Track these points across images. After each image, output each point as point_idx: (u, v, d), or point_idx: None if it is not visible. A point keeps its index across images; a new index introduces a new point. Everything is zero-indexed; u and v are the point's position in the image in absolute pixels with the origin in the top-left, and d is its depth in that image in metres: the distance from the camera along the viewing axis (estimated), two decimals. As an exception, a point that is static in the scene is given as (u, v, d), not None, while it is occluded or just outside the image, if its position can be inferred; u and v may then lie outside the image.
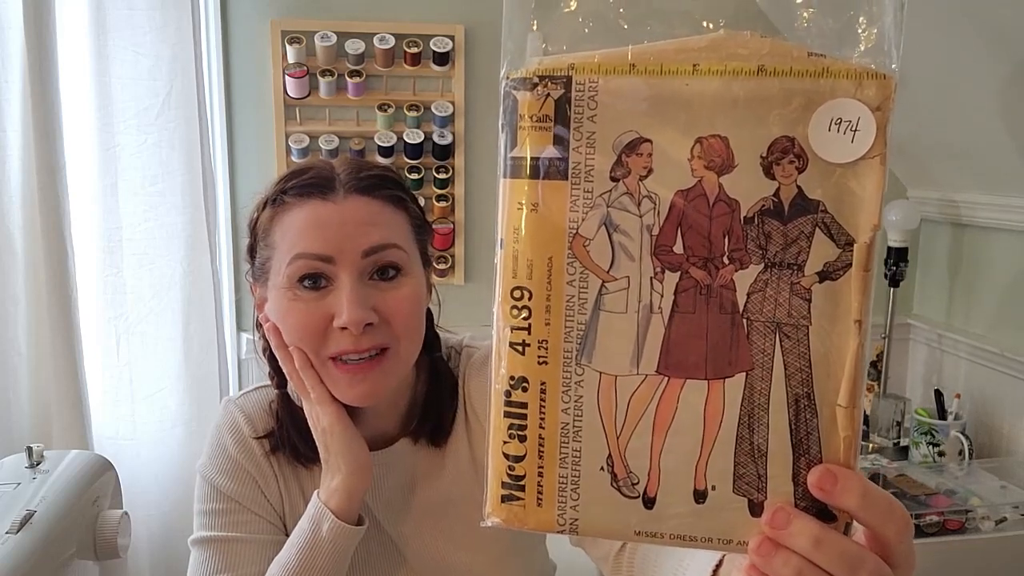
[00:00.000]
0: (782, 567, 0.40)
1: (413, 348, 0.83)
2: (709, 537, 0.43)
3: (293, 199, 0.80)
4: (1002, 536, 1.52)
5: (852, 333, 0.40)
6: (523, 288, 0.43)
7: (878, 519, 0.41)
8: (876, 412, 1.95)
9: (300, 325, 0.78)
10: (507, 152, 0.42)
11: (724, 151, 0.40)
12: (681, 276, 0.41)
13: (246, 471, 0.88)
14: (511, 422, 0.44)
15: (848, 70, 0.39)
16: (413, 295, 0.81)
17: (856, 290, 0.40)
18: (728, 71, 0.40)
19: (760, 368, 0.41)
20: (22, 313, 1.65)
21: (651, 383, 0.42)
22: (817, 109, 0.39)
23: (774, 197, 0.40)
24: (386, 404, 0.88)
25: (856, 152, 0.39)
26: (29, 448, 1.08)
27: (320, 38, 1.84)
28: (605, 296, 0.42)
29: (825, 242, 0.40)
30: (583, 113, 0.41)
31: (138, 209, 1.78)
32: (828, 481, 0.40)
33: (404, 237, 0.82)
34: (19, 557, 0.89)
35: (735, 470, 0.42)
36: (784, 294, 0.41)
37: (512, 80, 0.42)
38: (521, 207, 0.42)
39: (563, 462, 0.43)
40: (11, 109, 1.58)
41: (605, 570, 0.84)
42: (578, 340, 0.43)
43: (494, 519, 0.45)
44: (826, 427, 0.41)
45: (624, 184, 0.41)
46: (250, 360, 1.97)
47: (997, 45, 1.46)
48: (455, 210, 2.00)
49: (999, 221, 1.81)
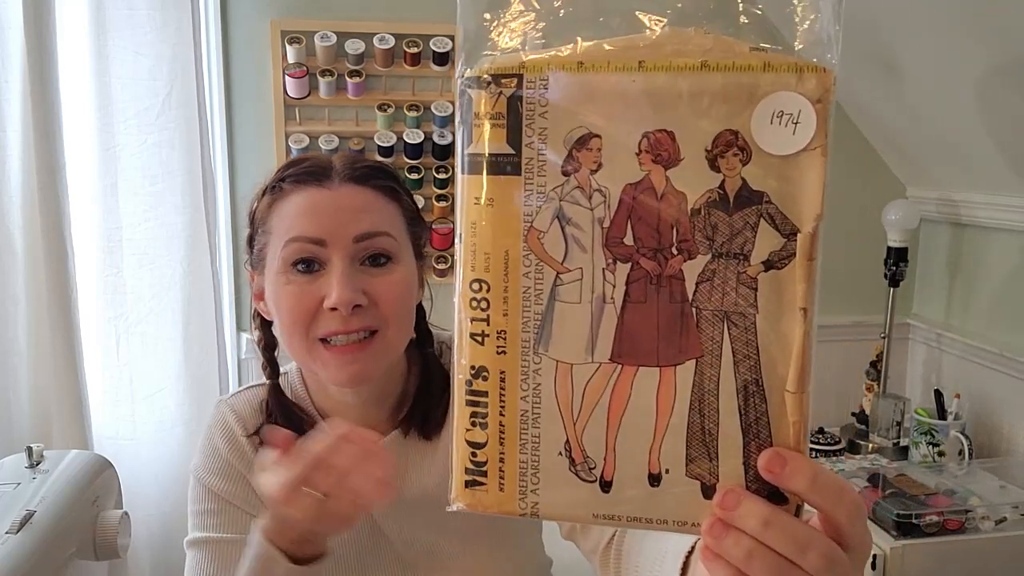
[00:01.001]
0: (733, 547, 0.41)
1: (402, 334, 0.85)
2: (664, 519, 0.44)
3: (290, 186, 0.83)
4: (1002, 536, 1.52)
5: (798, 321, 0.41)
6: (481, 280, 0.44)
7: (828, 502, 0.41)
8: (876, 412, 1.95)
9: (292, 306, 0.80)
10: (464, 149, 0.44)
11: (670, 145, 0.41)
12: (632, 267, 0.43)
13: (237, 471, 0.88)
14: (472, 410, 0.45)
15: (789, 64, 0.40)
16: (403, 280, 0.83)
17: (801, 278, 0.41)
18: (673, 67, 0.41)
19: (709, 355, 0.42)
20: (22, 313, 1.65)
21: (605, 371, 0.44)
22: (759, 103, 0.40)
23: (719, 189, 0.41)
24: (376, 396, 0.89)
25: (797, 144, 0.40)
26: (29, 448, 1.09)
27: (320, 38, 1.84)
28: (560, 287, 0.44)
29: (770, 232, 0.41)
30: (535, 110, 0.43)
31: (138, 209, 1.78)
32: (777, 464, 0.41)
33: (396, 227, 0.84)
34: (19, 557, 0.89)
35: (687, 454, 0.43)
36: (731, 283, 0.42)
37: (467, 78, 0.43)
38: (478, 201, 0.44)
39: (523, 448, 0.45)
40: (11, 109, 1.59)
41: (594, 563, 0.85)
42: (535, 330, 0.44)
43: (459, 504, 0.46)
44: (775, 412, 0.42)
45: (575, 178, 0.43)
46: (250, 360, 1.97)
47: (997, 45, 1.46)
48: (455, 210, 1.99)
49: (999, 221, 1.81)
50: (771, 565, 0.41)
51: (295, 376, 0.93)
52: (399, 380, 0.91)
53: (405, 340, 0.86)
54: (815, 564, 0.41)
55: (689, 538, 0.62)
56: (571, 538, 0.89)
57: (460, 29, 0.43)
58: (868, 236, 1.98)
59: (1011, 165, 1.67)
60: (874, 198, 1.96)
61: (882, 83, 1.77)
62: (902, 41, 1.66)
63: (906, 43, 1.66)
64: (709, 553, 0.43)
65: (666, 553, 0.66)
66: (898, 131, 1.93)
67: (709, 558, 0.43)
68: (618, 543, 0.81)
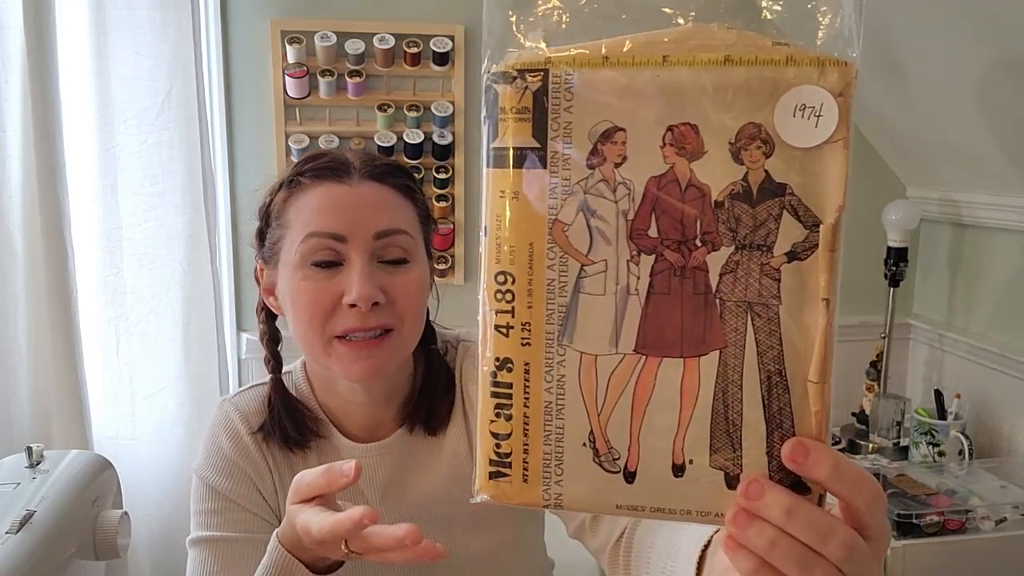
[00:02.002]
0: (756, 536, 0.42)
1: (415, 332, 0.85)
2: (688, 509, 0.45)
3: (309, 180, 0.83)
4: (1002, 536, 1.52)
5: (820, 311, 0.41)
6: (506, 273, 0.45)
7: (848, 490, 0.42)
8: (876, 412, 1.95)
9: (310, 303, 0.80)
10: (489, 143, 0.44)
11: (694, 138, 0.42)
12: (656, 259, 0.43)
13: (241, 469, 0.88)
14: (497, 402, 0.46)
15: (811, 58, 0.40)
16: (419, 280, 0.84)
17: (823, 269, 0.41)
18: (697, 61, 0.41)
19: (733, 346, 0.43)
20: (22, 313, 1.65)
21: (629, 362, 0.44)
22: (782, 96, 0.41)
23: (743, 181, 0.42)
24: (385, 394, 0.90)
25: (820, 137, 0.40)
26: (29, 448, 1.09)
27: (320, 38, 1.84)
28: (584, 279, 0.44)
29: (793, 224, 0.41)
30: (560, 104, 0.43)
31: (138, 209, 1.78)
32: (800, 453, 0.41)
33: (412, 225, 0.85)
34: (19, 557, 0.89)
35: (711, 444, 0.44)
36: (754, 275, 0.42)
37: (493, 74, 0.44)
38: (503, 195, 0.44)
39: (547, 439, 0.45)
40: (11, 109, 1.59)
41: (603, 561, 0.85)
42: (559, 322, 0.44)
43: (483, 495, 0.47)
44: (798, 402, 0.42)
45: (600, 171, 0.43)
46: (250, 360, 1.97)
47: (998, 44, 1.46)
48: (455, 210, 2.00)
49: (999, 221, 1.82)
50: (794, 554, 0.41)
51: (299, 374, 0.93)
52: (407, 379, 0.92)
53: (417, 337, 0.87)
54: (836, 553, 0.41)
55: (705, 531, 0.62)
56: (578, 536, 0.89)
57: (486, 26, 0.44)
58: (868, 236, 1.99)
59: (1012, 165, 1.67)
60: (874, 198, 1.96)
61: (883, 83, 1.77)
62: (903, 41, 1.66)
63: (907, 43, 1.66)
64: (732, 543, 0.43)
65: (680, 548, 0.66)
66: (899, 131, 1.93)
67: (733, 547, 0.43)
68: (628, 539, 0.80)
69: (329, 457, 0.90)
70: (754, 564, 0.42)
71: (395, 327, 0.81)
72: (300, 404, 0.90)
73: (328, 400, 0.91)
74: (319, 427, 0.90)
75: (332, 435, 0.90)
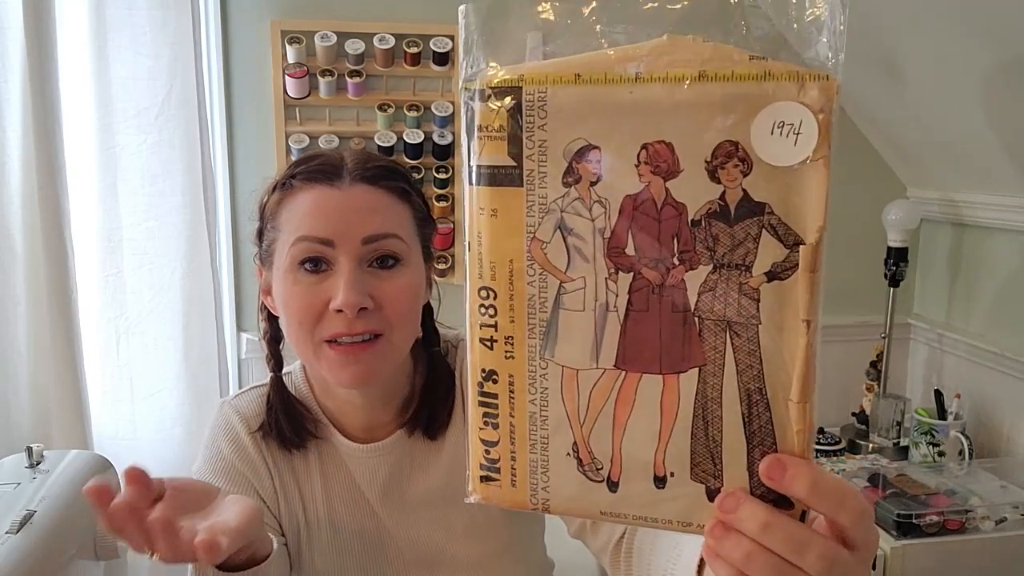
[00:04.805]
0: (733, 549, 0.42)
1: (406, 337, 0.84)
2: (669, 519, 0.45)
3: (300, 183, 0.82)
4: (1002, 536, 1.52)
5: (801, 332, 0.41)
6: (488, 288, 0.45)
7: (830, 507, 0.42)
8: (876, 412, 1.95)
9: (299, 307, 0.80)
10: (470, 160, 0.45)
11: (669, 156, 0.41)
12: (634, 276, 0.43)
13: (240, 472, 0.88)
14: (484, 411, 0.47)
15: (790, 72, 0.39)
16: (409, 285, 0.82)
17: (804, 290, 0.41)
18: (671, 77, 0.40)
19: (712, 364, 0.43)
20: (22, 313, 1.65)
21: (610, 376, 0.44)
22: (759, 113, 0.39)
23: (720, 200, 0.41)
24: (383, 396, 0.89)
25: (799, 155, 0.39)
26: (29, 448, 1.09)
27: (320, 38, 1.84)
28: (564, 295, 0.44)
29: (773, 243, 0.41)
30: (534, 122, 0.43)
31: (138, 209, 1.78)
32: (777, 470, 0.42)
33: (405, 228, 0.84)
34: (19, 557, 0.89)
35: (692, 458, 0.44)
36: (733, 294, 0.42)
37: (468, 91, 0.44)
38: (483, 212, 0.45)
39: (532, 448, 0.46)
40: (11, 109, 1.59)
41: (604, 561, 0.85)
42: (541, 336, 0.45)
43: (475, 496, 0.48)
44: (780, 421, 0.42)
45: (576, 190, 0.43)
46: (250, 360, 1.97)
47: (998, 45, 1.46)
48: (455, 210, 2.00)
49: (999, 221, 1.81)
50: (770, 566, 0.42)
51: (299, 375, 0.93)
52: (405, 380, 0.91)
53: (410, 342, 0.86)
54: (814, 565, 0.41)
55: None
56: (580, 537, 0.89)
57: (461, 43, 0.44)
58: (868, 236, 1.98)
59: (1012, 165, 1.67)
60: (874, 198, 1.96)
61: (883, 83, 1.77)
62: (903, 41, 1.66)
63: (907, 43, 1.66)
64: (711, 553, 0.44)
65: (681, 550, 0.67)
66: (899, 131, 1.93)
67: (711, 557, 0.44)
68: (629, 540, 0.81)
69: (329, 457, 0.90)
70: (732, 574, 0.43)
71: (384, 332, 0.80)
72: (300, 404, 0.90)
73: (327, 401, 0.91)
74: (318, 428, 0.90)
75: (332, 436, 0.90)
